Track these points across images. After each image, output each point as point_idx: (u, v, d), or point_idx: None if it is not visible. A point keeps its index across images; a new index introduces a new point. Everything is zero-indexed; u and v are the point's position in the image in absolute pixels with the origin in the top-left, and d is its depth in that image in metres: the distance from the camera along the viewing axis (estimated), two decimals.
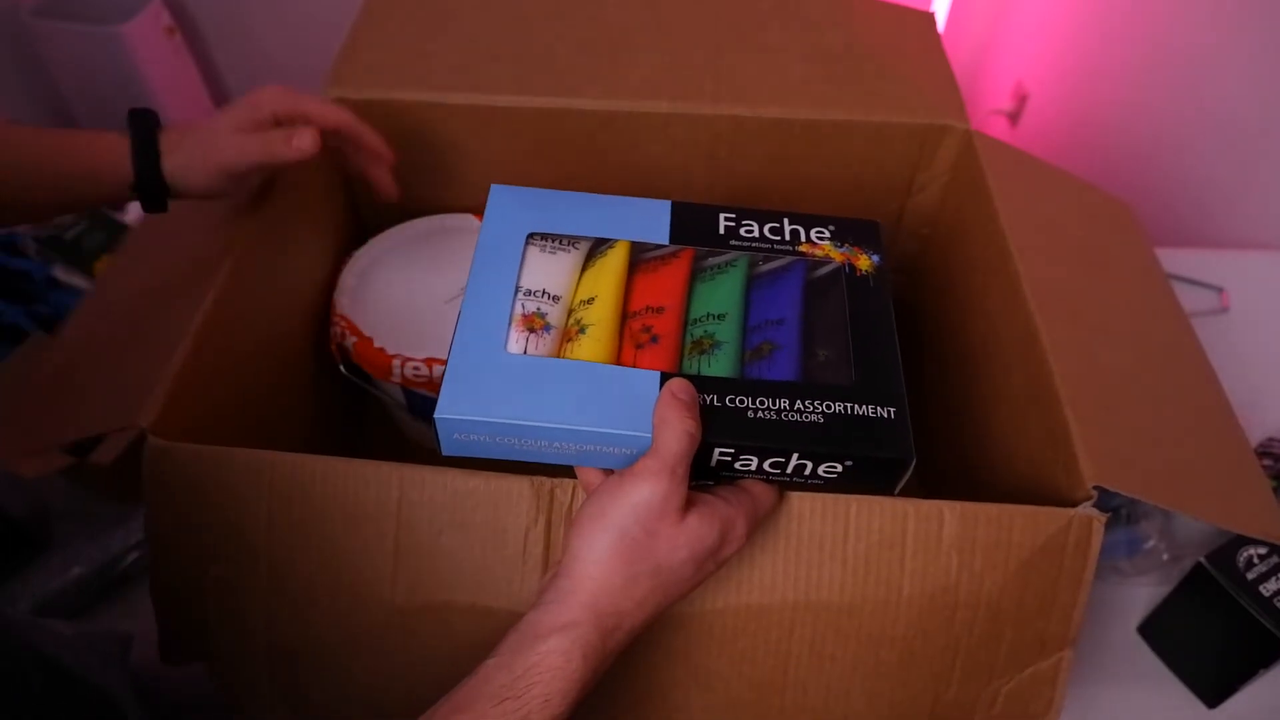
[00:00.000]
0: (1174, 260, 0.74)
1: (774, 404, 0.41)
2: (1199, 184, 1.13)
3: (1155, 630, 0.63)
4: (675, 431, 0.38)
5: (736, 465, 0.42)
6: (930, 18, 0.72)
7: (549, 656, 0.36)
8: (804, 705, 0.47)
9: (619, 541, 0.38)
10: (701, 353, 0.43)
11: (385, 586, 0.45)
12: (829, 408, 0.41)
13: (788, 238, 0.48)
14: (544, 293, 0.45)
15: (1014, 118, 1.58)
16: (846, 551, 0.44)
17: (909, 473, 0.42)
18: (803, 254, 0.47)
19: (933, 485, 0.64)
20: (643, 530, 0.38)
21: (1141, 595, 0.65)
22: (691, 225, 0.48)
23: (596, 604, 0.38)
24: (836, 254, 0.47)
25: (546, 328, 0.43)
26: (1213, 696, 0.60)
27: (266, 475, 0.44)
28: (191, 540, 0.46)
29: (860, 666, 0.46)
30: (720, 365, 0.43)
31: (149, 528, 0.45)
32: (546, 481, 0.44)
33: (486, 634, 0.45)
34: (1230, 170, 1.08)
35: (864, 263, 0.47)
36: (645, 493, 0.38)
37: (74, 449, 0.67)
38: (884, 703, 0.47)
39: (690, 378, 0.42)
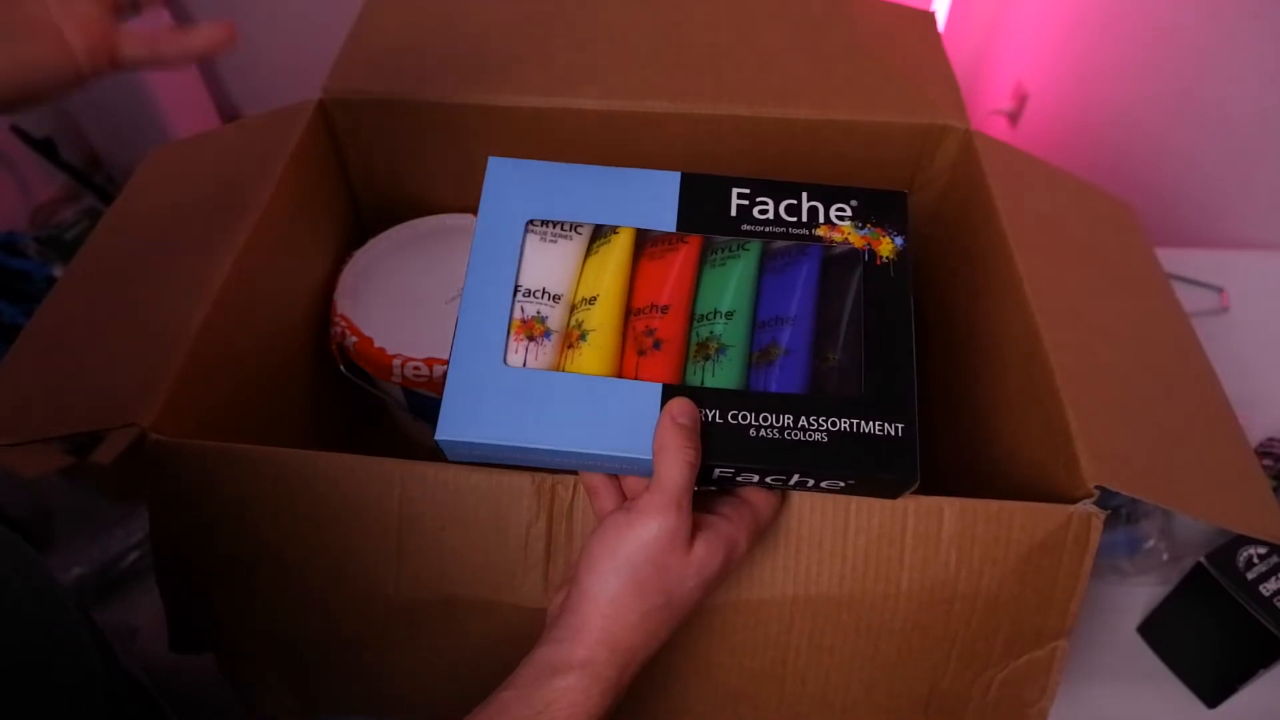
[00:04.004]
0: (1174, 260, 0.74)
1: (777, 420, 0.40)
2: (1199, 184, 1.13)
3: (1155, 630, 0.63)
4: (676, 461, 0.38)
5: (737, 479, 0.42)
6: (930, 18, 0.72)
7: (569, 693, 0.36)
8: (802, 695, 0.47)
9: (631, 579, 0.38)
10: (706, 358, 0.42)
11: (389, 581, 0.45)
12: (834, 425, 0.40)
13: (805, 218, 0.45)
14: (543, 292, 0.43)
15: (1014, 118, 1.58)
16: (846, 547, 0.44)
17: (913, 488, 0.42)
18: (820, 238, 0.44)
19: (933, 484, 0.64)
20: (654, 567, 0.38)
21: (1141, 595, 0.65)
22: (701, 202, 0.45)
23: (613, 641, 0.38)
24: (857, 238, 0.44)
25: (546, 334, 0.42)
26: (1213, 696, 0.60)
27: (270, 472, 0.44)
28: (195, 537, 0.46)
29: (858, 658, 0.46)
30: (725, 374, 0.42)
31: (153, 524, 0.46)
32: (548, 478, 0.44)
33: (490, 628, 0.46)
34: (1230, 170, 1.08)
35: (885, 247, 0.44)
36: (654, 529, 0.38)
37: (74, 448, 0.67)
38: (881, 691, 0.47)
39: (693, 390, 0.41)
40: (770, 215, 0.45)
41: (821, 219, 0.45)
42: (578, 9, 0.69)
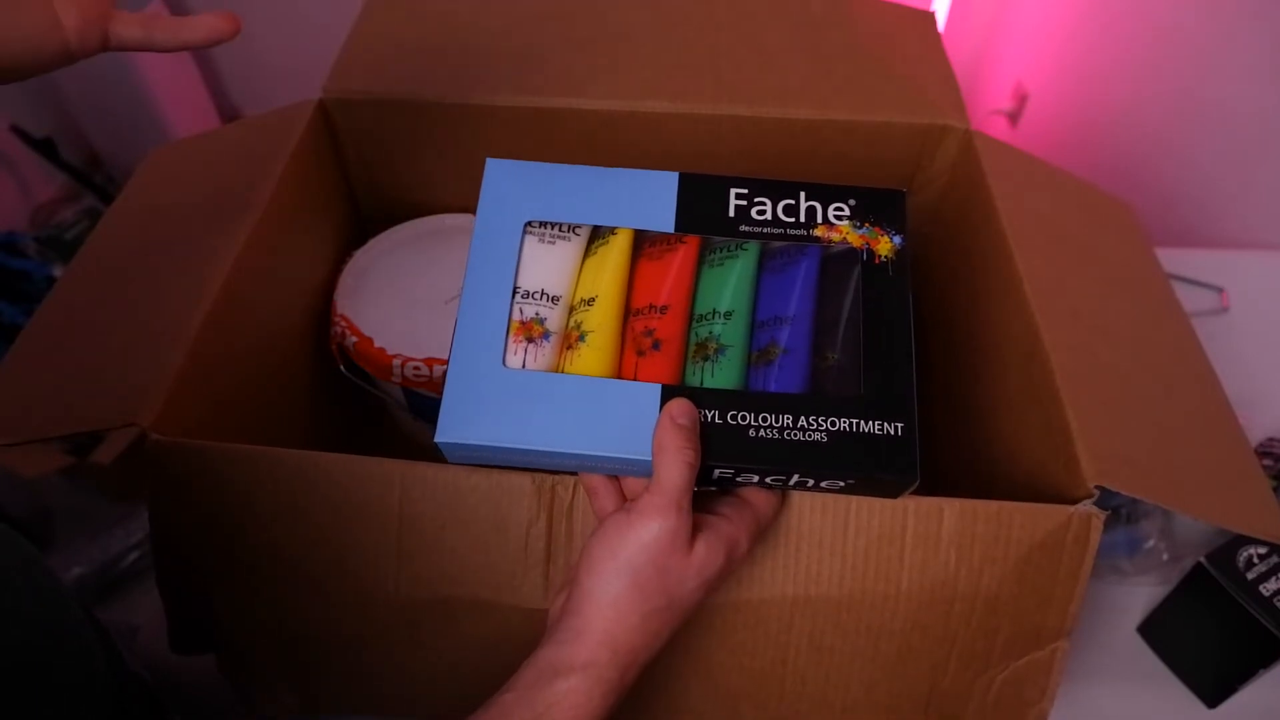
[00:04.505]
0: (1174, 260, 0.74)
1: (776, 420, 0.40)
2: (1199, 184, 1.13)
3: (1155, 630, 0.63)
4: (675, 462, 0.38)
5: (737, 479, 0.42)
6: (930, 17, 0.72)
7: (570, 695, 0.36)
8: (803, 695, 0.47)
9: (632, 581, 0.38)
10: (705, 359, 0.42)
11: (389, 582, 0.45)
12: (833, 425, 0.40)
13: (803, 218, 0.45)
14: (542, 294, 0.43)
15: (1014, 118, 1.58)
16: (846, 547, 0.44)
17: (913, 488, 0.42)
18: (818, 238, 0.44)
19: (933, 484, 0.64)
20: (655, 568, 0.38)
21: (1141, 595, 0.65)
22: (700, 202, 0.45)
23: (614, 643, 0.38)
24: (855, 237, 0.44)
25: (545, 335, 0.42)
26: (1213, 696, 0.60)
27: (270, 472, 0.44)
28: (196, 537, 0.46)
29: (859, 658, 0.46)
30: (724, 374, 0.42)
31: (153, 525, 0.46)
32: (548, 478, 0.44)
33: (489, 628, 0.46)
34: (1230, 170, 1.08)
35: (884, 247, 0.44)
36: (654, 530, 0.38)
37: (74, 448, 0.67)
38: (881, 691, 0.47)
39: (692, 390, 0.41)
40: (768, 215, 0.45)
41: (819, 219, 0.45)
42: (578, 9, 0.69)
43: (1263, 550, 0.57)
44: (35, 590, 0.33)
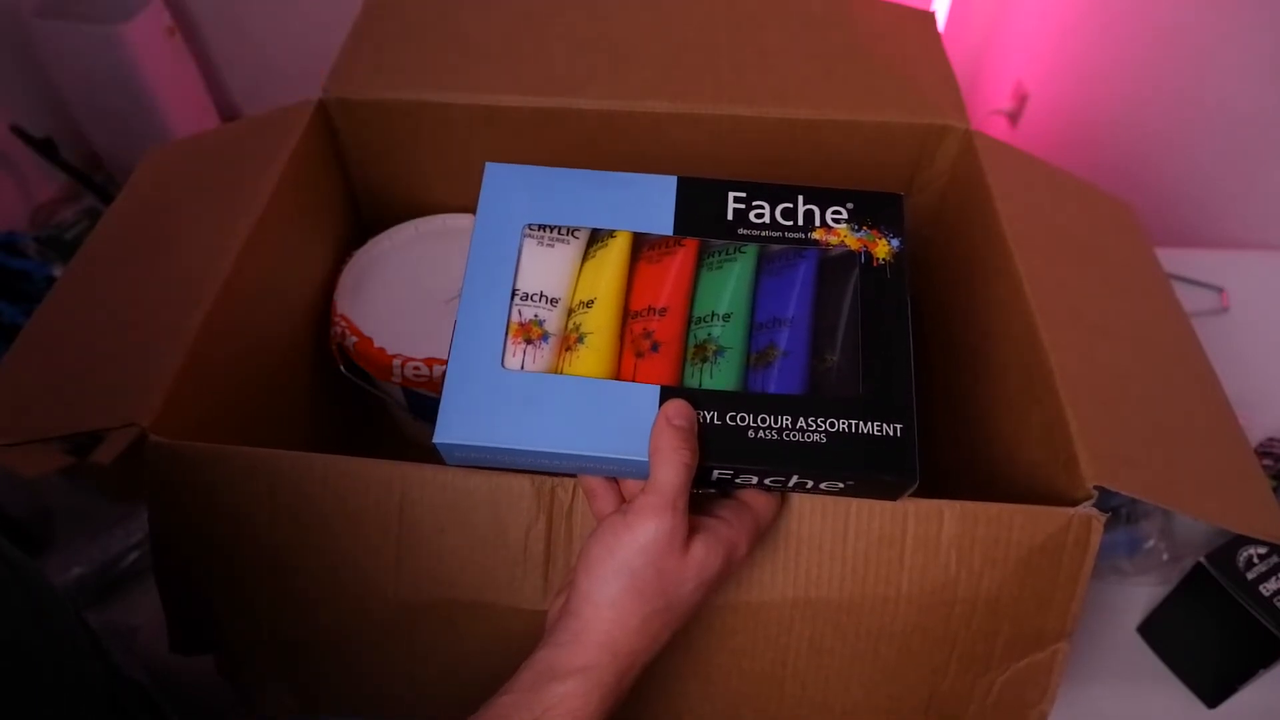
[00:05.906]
0: (1174, 260, 0.74)
1: (776, 421, 0.40)
2: (1199, 184, 1.13)
3: (1155, 630, 0.63)
4: (672, 463, 0.38)
5: (736, 481, 0.42)
6: (930, 17, 0.72)
7: (569, 698, 0.36)
8: (802, 698, 0.47)
9: (631, 584, 0.38)
10: (704, 361, 0.42)
11: (388, 583, 0.45)
12: (832, 426, 0.40)
13: (801, 222, 0.45)
14: (541, 295, 0.43)
15: (1014, 118, 1.58)
16: (846, 550, 0.44)
17: (912, 489, 0.42)
18: (816, 241, 0.44)
19: (934, 485, 0.64)
20: (653, 570, 0.38)
21: (1141, 595, 0.66)
22: (698, 206, 0.45)
23: (614, 646, 0.38)
24: (853, 240, 0.44)
25: (544, 337, 0.42)
26: (1213, 696, 0.60)
27: (269, 473, 0.44)
28: (195, 538, 0.46)
29: (859, 661, 0.46)
30: (723, 376, 0.42)
31: (152, 525, 0.46)
32: (547, 480, 0.44)
33: (488, 630, 0.46)
34: (1230, 170, 1.08)
35: (882, 249, 0.44)
36: (651, 531, 0.38)
37: (74, 448, 0.67)
38: (882, 694, 0.47)
39: (691, 392, 0.41)
40: (766, 219, 0.45)
41: (818, 222, 0.45)
42: (578, 9, 0.69)
43: (1263, 550, 0.57)
44: (31, 592, 0.33)
